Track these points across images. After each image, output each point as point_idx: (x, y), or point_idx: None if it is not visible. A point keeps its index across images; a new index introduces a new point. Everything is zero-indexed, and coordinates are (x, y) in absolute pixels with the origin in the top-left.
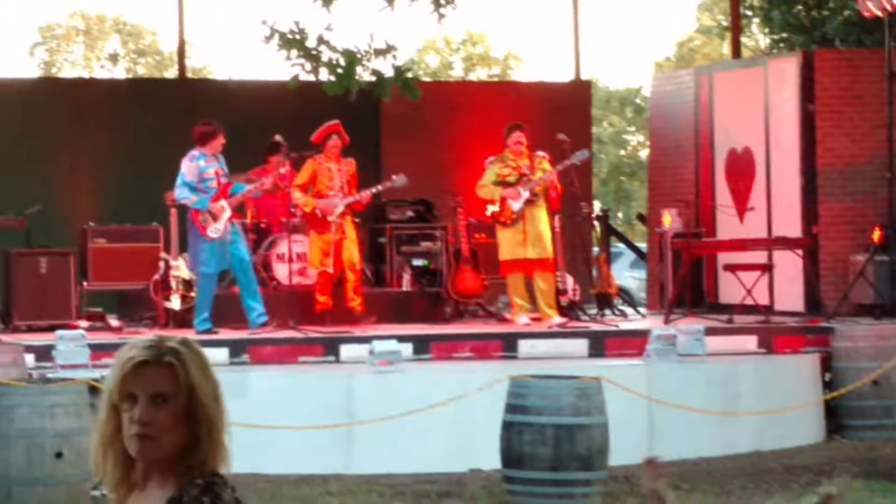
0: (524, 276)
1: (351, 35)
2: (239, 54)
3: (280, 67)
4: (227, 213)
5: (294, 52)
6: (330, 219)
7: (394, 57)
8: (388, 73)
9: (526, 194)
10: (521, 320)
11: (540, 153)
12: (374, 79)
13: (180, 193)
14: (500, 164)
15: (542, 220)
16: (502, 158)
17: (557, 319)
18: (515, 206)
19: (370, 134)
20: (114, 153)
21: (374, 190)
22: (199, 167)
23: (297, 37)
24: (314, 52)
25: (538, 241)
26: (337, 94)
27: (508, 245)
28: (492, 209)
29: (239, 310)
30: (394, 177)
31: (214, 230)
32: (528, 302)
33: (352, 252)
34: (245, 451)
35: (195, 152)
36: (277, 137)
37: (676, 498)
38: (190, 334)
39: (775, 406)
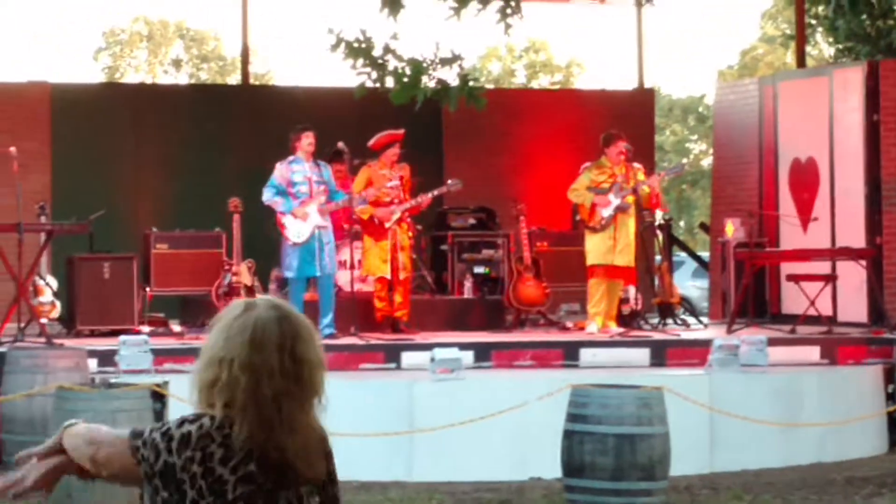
0: (607, 283)
1: (416, 43)
2: (301, 59)
3: (342, 73)
4: (314, 220)
5: (360, 61)
6: (387, 225)
7: (460, 66)
8: (454, 81)
9: (617, 202)
10: (591, 328)
11: (636, 164)
12: (439, 87)
13: (265, 195)
14: (595, 170)
15: (631, 229)
16: (599, 164)
17: (615, 328)
18: (605, 212)
19: (432, 141)
20: (177, 158)
21: (430, 195)
22: (289, 170)
23: (363, 45)
24: (380, 62)
25: (626, 249)
26: (403, 102)
27: (597, 250)
28: (580, 215)
29: (307, 316)
30: (449, 181)
31: (297, 234)
32: (604, 310)
33: (403, 260)
34: None
35: (291, 156)
36: (340, 144)
37: None
38: None
39: (838, 417)
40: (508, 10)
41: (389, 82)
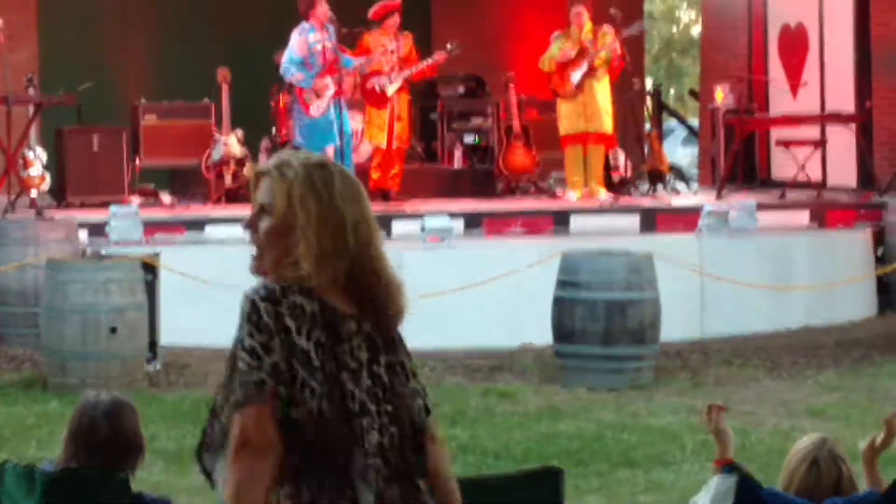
0: (583, 152)
1: None
2: None
3: None
4: (331, 91)
5: None
6: (389, 93)
7: None
8: None
9: (584, 67)
10: (572, 196)
11: (605, 27)
12: None
13: (287, 71)
14: (563, 38)
15: (601, 94)
16: (567, 33)
17: (604, 195)
18: (575, 78)
19: (421, 9)
20: (165, 29)
21: (428, 61)
22: (306, 41)
23: None
24: None
25: (596, 115)
26: None
27: (568, 118)
28: (552, 84)
29: None
30: (448, 45)
31: (317, 108)
32: (583, 178)
33: (399, 130)
34: None
35: (305, 25)
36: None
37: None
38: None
39: (827, 281)
40: None
41: None
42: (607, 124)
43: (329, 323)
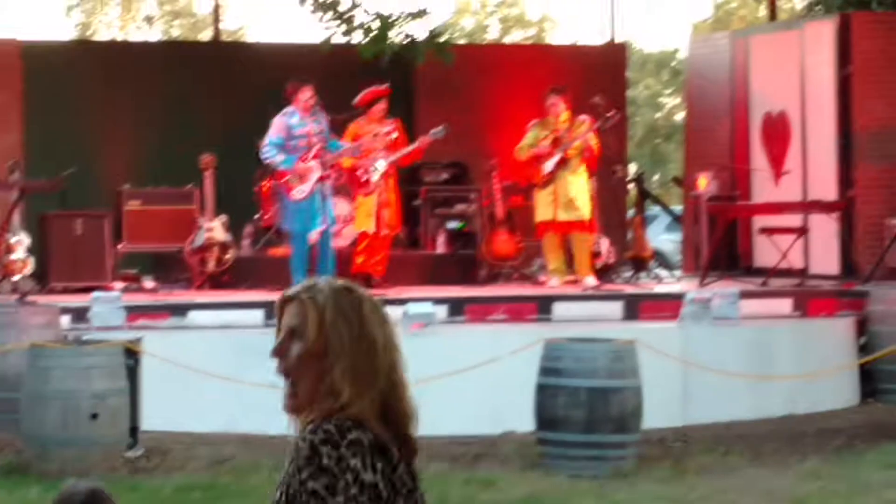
0: (559, 239)
1: None
2: (274, 16)
3: (315, 30)
4: (316, 174)
5: (327, 15)
6: (373, 180)
7: (427, 21)
8: (422, 36)
9: (557, 156)
10: (553, 283)
11: (581, 117)
12: (407, 42)
13: (265, 152)
14: (539, 127)
15: (574, 183)
16: (544, 122)
17: (591, 282)
18: (547, 166)
19: (405, 97)
20: (149, 115)
21: (413, 146)
22: (286, 124)
23: (330, 0)
24: (347, 16)
25: (570, 204)
26: (370, 57)
27: (542, 206)
28: (527, 172)
29: (279, 272)
30: (433, 130)
31: (300, 191)
32: (563, 264)
33: (388, 217)
34: (278, 413)
35: (288, 109)
36: None
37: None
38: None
39: (810, 369)
40: None
41: (357, 36)
42: (584, 212)
43: (383, 453)
